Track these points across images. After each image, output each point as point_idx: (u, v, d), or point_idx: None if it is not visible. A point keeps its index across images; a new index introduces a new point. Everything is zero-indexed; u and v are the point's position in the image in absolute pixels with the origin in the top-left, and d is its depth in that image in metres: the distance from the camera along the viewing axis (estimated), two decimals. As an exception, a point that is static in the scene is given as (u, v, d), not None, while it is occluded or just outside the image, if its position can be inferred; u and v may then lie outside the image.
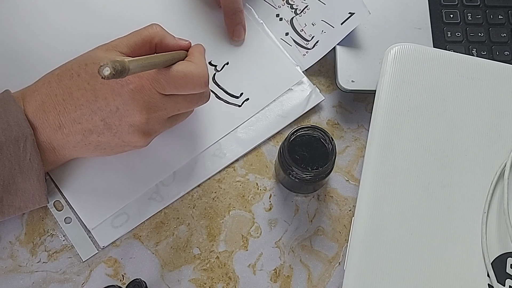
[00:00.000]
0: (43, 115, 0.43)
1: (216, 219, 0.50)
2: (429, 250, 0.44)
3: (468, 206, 0.45)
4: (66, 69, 0.44)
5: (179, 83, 0.43)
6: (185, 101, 0.45)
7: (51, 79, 0.44)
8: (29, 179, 0.44)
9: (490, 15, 0.56)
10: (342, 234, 0.50)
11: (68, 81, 0.43)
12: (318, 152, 0.47)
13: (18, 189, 0.44)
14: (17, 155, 0.42)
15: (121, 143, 0.44)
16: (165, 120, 0.45)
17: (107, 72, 0.33)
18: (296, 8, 0.57)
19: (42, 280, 0.47)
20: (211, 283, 0.48)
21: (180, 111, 0.46)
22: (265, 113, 0.53)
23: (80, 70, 0.43)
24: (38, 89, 0.44)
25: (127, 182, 0.50)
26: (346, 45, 0.54)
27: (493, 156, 0.46)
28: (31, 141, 0.43)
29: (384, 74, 0.49)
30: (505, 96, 0.48)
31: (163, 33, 0.46)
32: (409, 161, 0.46)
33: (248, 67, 0.55)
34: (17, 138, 0.42)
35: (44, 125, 0.43)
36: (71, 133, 0.43)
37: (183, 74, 0.42)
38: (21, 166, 0.43)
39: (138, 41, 0.44)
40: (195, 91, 0.44)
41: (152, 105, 0.43)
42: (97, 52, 0.44)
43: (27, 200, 0.45)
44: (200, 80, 0.44)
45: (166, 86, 0.42)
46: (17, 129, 0.42)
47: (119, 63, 0.33)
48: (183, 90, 0.43)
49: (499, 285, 0.42)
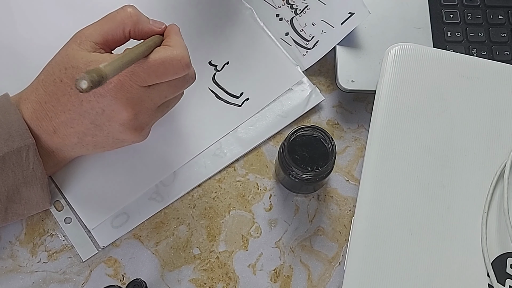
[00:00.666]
0: (37, 122, 0.43)
1: (216, 219, 0.50)
2: (429, 250, 0.44)
3: (468, 206, 0.45)
4: (48, 73, 0.43)
5: (159, 71, 0.41)
6: (170, 87, 0.43)
7: (38, 85, 0.44)
8: (32, 188, 0.44)
9: (490, 15, 0.56)
10: (342, 234, 0.50)
11: (53, 87, 0.42)
12: (318, 152, 0.47)
13: (22, 198, 0.44)
14: (20, 165, 0.43)
15: (116, 140, 0.44)
16: (154, 110, 0.44)
17: (84, 85, 0.32)
18: (296, 8, 0.57)
19: (42, 280, 0.47)
20: (211, 283, 0.48)
21: (168, 98, 0.44)
22: (265, 113, 0.53)
23: (61, 75, 0.42)
24: (28, 97, 0.44)
25: (127, 182, 0.50)
26: (346, 45, 0.54)
27: (493, 156, 0.46)
28: (33, 150, 0.43)
29: (384, 74, 0.49)
30: (505, 96, 0.48)
31: (137, 17, 0.44)
32: (409, 161, 0.46)
33: (248, 67, 0.55)
34: (19, 149, 0.42)
35: (39, 132, 0.43)
36: (66, 136, 0.43)
37: (161, 62, 0.41)
38: (25, 176, 0.43)
39: (111, 28, 0.43)
40: (177, 76, 0.42)
41: (136, 100, 0.42)
42: (72, 49, 0.42)
43: (31, 207, 0.45)
44: (180, 63, 0.42)
45: (146, 77, 0.41)
46: (19, 139, 0.42)
47: (95, 72, 0.33)
48: (164, 77, 0.42)
49: (499, 285, 0.42)
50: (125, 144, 0.46)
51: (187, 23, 0.55)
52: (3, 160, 0.42)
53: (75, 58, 0.42)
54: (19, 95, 0.45)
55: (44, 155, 0.44)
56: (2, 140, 0.42)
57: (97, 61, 0.41)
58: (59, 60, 0.43)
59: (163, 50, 0.42)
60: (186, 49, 0.43)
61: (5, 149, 0.42)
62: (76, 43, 0.43)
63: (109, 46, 0.44)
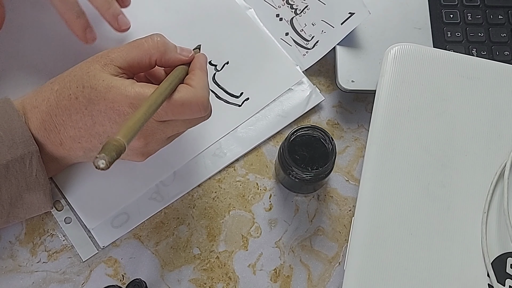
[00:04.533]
0: (45, 133, 0.43)
1: (216, 219, 0.50)
2: (429, 250, 0.44)
3: (468, 206, 0.45)
4: (64, 86, 0.42)
5: (177, 111, 0.41)
6: (184, 123, 0.43)
7: (51, 96, 0.43)
8: (35, 194, 0.44)
9: (490, 15, 0.56)
10: (342, 234, 0.50)
11: (66, 102, 0.42)
12: (318, 152, 0.47)
13: (24, 203, 0.44)
14: (24, 173, 0.42)
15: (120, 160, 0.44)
16: (164, 141, 0.44)
17: (102, 165, 0.31)
18: (296, 8, 0.57)
19: (42, 280, 0.47)
20: (211, 283, 0.48)
21: (180, 131, 0.45)
22: (265, 113, 0.53)
23: (78, 93, 0.41)
24: (38, 106, 0.43)
25: (127, 182, 0.50)
26: (346, 45, 0.54)
27: (493, 156, 0.46)
28: (36, 158, 0.42)
29: (384, 74, 0.49)
30: (505, 96, 0.48)
31: (164, 47, 0.43)
32: (409, 161, 0.46)
33: (248, 67, 0.55)
34: (23, 156, 0.42)
35: (46, 142, 0.43)
36: (72, 149, 0.43)
37: (181, 103, 0.40)
38: (28, 183, 0.43)
39: (137, 55, 0.42)
40: (194, 117, 0.42)
41: (149, 132, 0.42)
42: (94, 69, 0.42)
43: (32, 211, 0.45)
44: (199, 107, 0.41)
45: (163, 115, 0.40)
46: (22, 146, 0.42)
47: (115, 151, 0.31)
48: (181, 117, 0.42)
49: (499, 285, 0.42)
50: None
51: (187, 23, 0.55)
52: (7, 167, 0.42)
53: (96, 78, 0.41)
54: (26, 100, 0.44)
55: (47, 161, 0.44)
56: (5, 147, 0.41)
57: (117, 88, 0.40)
58: (78, 76, 0.42)
59: (184, 90, 0.41)
60: (207, 90, 0.43)
61: (8, 156, 0.41)
62: (99, 63, 0.42)
63: (133, 72, 0.43)
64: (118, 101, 0.40)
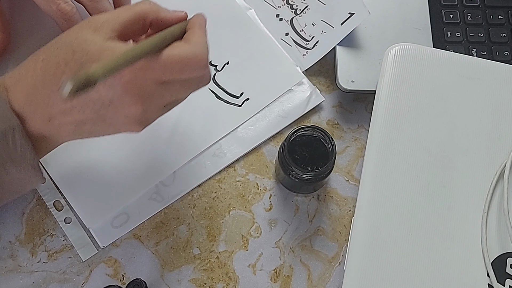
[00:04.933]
0: (31, 107, 0.39)
1: (216, 219, 0.50)
2: (429, 250, 0.44)
3: (468, 206, 0.45)
4: (51, 55, 0.39)
5: (175, 69, 0.38)
6: (183, 86, 0.41)
7: (36, 66, 0.39)
8: (23, 168, 0.41)
9: (490, 15, 0.56)
10: (342, 234, 0.50)
11: (54, 70, 0.38)
12: (318, 152, 0.47)
13: (13, 179, 0.41)
14: (7, 148, 0.40)
15: (116, 131, 0.42)
16: (163, 108, 0.42)
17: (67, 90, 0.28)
18: (296, 8, 0.57)
19: (42, 280, 0.47)
20: (211, 283, 0.48)
21: (179, 97, 0.42)
22: (265, 113, 0.53)
23: (67, 58, 0.38)
24: (22, 79, 0.40)
25: (127, 182, 0.50)
26: (346, 45, 0.54)
27: (493, 156, 0.46)
28: (19, 132, 0.39)
29: (384, 74, 0.49)
30: (505, 96, 0.48)
31: (157, 7, 0.41)
32: (409, 161, 0.46)
33: (248, 67, 0.55)
34: (3, 131, 0.39)
35: (33, 117, 0.40)
36: (62, 124, 0.40)
37: (179, 59, 0.38)
38: (13, 158, 0.40)
39: (130, 17, 0.40)
40: (193, 76, 0.40)
41: (147, 95, 0.39)
42: (84, 33, 0.38)
43: (25, 184, 0.43)
44: (199, 64, 0.39)
45: (161, 74, 0.38)
46: (1, 122, 0.39)
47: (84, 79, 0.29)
48: (180, 75, 0.39)
49: (499, 285, 0.42)
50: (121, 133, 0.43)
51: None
52: None
53: (87, 42, 0.38)
54: (6, 76, 0.41)
55: (35, 140, 0.41)
56: None
57: (112, 49, 0.37)
58: (67, 42, 0.39)
59: (182, 46, 0.39)
60: (207, 47, 0.41)
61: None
62: (90, 28, 0.39)
63: (127, 36, 0.40)
64: None
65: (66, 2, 0.45)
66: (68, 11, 0.45)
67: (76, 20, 0.46)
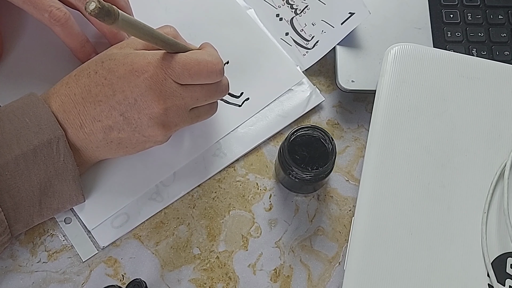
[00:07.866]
0: (64, 115, 0.43)
1: (216, 219, 0.50)
2: (429, 250, 0.44)
3: (468, 206, 0.45)
4: (83, 68, 0.44)
5: (193, 70, 0.43)
6: (202, 91, 0.45)
7: (69, 80, 0.44)
8: (65, 180, 0.44)
9: (490, 15, 0.56)
10: (342, 234, 0.50)
11: (85, 79, 0.43)
12: (318, 152, 0.47)
13: (55, 191, 0.44)
14: (51, 157, 0.43)
15: (141, 138, 0.44)
16: (184, 112, 0.45)
17: (92, 6, 0.32)
18: (296, 8, 0.57)
19: (42, 280, 0.47)
20: (211, 283, 0.48)
21: (199, 102, 0.46)
22: (265, 113, 0.53)
23: (97, 68, 0.43)
24: (57, 91, 0.44)
25: (127, 182, 0.50)
26: (346, 45, 0.54)
27: (493, 156, 0.46)
28: (63, 142, 0.43)
29: (384, 74, 0.49)
30: (505, 96, 0.48)
31: (177, 34, 0.46)
32: (409, 161, 0.46)
33: (248, 67, 0.55)
34: (49, 141, 0.42)
35: (66, 125, 0.43)
36: (92, 132, 0.43)
37: (196, 61, 0.43)
38: (56, 168, 0.43)
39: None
40: (210, 80, 0.44)
41: (168, 94, 0.43)
42: (112, 49, 0.45)
43: (65, 201, 0.45)
44: (214, 68, 0.44)
45: (180, 73, 0.42)
46: (48, 131, 0.42)
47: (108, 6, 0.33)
48: (197, 77, 0.43)
49: (499, 285, 0.42)
50: (147, 146, 0.46)
51: (187, 23, 0.55)
52: (34, 152, 0.42)
53: (114, 53, 0.44)
54: (48, 91, 0.46)
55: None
56: (32, 133, 0.42)
57: (136, 53, 0.43)
58: (97, 57, 0.45)
59: (200, 52, 0.44)
60: (221, 60, 0.45)
61: (35, 141, 0.42)
62: (117, 47, 0.45)
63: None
64: (137, 62, 0.43)
65: (58, 9, 0.46)
66: (61, 17, 0.46)
67: (71, 26, 0.47)
